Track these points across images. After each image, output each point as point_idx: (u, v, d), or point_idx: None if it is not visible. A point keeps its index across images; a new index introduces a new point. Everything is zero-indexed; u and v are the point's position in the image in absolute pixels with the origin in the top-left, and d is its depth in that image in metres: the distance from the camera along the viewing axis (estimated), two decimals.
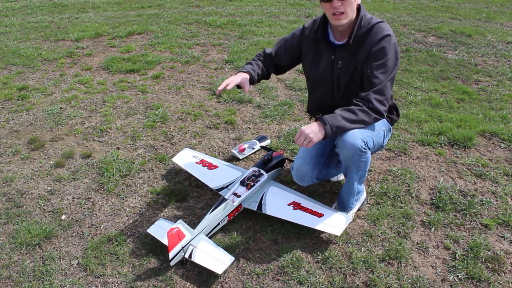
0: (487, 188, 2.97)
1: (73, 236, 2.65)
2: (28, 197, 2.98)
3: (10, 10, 7.43)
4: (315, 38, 2.51)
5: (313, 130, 2.23)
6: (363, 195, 2.78)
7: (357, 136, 2.32)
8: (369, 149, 2.40)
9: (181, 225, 2.36)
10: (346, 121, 2.28)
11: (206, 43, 5.57)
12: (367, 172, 2.59)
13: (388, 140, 2.76)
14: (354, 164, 2.43)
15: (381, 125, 2.53)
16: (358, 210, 2.75)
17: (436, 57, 5.03)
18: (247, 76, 2.55)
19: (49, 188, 3.06)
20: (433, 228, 2.64)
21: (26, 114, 4.02)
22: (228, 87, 2.43)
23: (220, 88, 2.42)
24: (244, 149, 3.32)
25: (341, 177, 3.03)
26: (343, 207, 2.67)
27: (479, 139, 3.50)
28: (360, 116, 2.30)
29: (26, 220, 2.76)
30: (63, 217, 2.79)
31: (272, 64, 2.73)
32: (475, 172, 3.12)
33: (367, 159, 2.44)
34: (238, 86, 2.50)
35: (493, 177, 3.07)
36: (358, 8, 2.38)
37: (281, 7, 7.05)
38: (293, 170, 2.65)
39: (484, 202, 2.83)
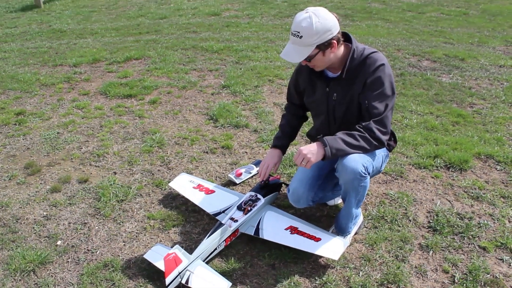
0: (484, 211, 2.97)
1: (68, 261, 2.62)
2: (24, 222, 2.96)
3: (9, 36, 7.50)
4: (309, 72, 2.54)
5: (311, 151, 2.26)
6: (360, 219, 2.78)
7: (357, 161, 2.33)
8: (368, 174, 2.41)
9: (178, 251, 2.35)
10: (346, 145, 2.30)
11: (203, 68, 5.62)
12: (364, 197, 2.60)
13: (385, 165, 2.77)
14: (354, 188, 2.44)
15: (380, 150, 2.54)
16: (356, 234, 2.74)
17: (431, 81, 5.08)
18: (279, 155, 2.77)
19: (45, 213, 3.04)
20: (431, 252, 2.63)
21: (23, 139, 4.03)
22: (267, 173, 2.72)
23: (264, 177, 2.72)
24: (241, 174, 3.32)
25: (338, 200, 3.02)
26: (341, 231, 2.66)
27: (475, 161, 3.51)
28: (361, 142, 2.31)
29: (21, 246, 2.73)
30: (59, 242, 2.77)
31: (297, 107, 2.85)
32: (472, 195, 3.13)
33: (366, 184, 2.45)
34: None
35: (490, 199, 3.07)
36: (349, 40, 2.41)
37: (277, 33, 7.15)
38: (289, 192, 2.65)
39: (481, 225, 2.83)
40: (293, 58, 2.31)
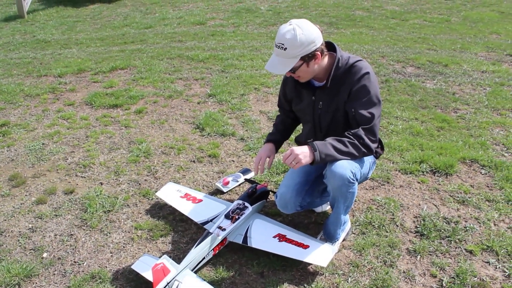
0: (470, 214, 3.00)
1: (55, 274, 2.59)
2: (8, 235, 2.91)
3: None
4: (294, 82, 2.56)
5: (303, 152, 2.29)
6: (348, 225, 2.79)
7: (346, 168, 2.34)
8: (356, 180, 2.43)
9: (166, 261, 2.33)
10: (335, 150, 2.32)
11: (189, 77, 5.62)
12: (353, 203, 2.61)
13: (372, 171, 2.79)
14: (342, 195, 2.45)
15: (368, 157, 2.56)
16: (344, 240, 2.75)
17: (415, 87, 5.14)
18: (272, 148, 2.77)
19: (30, 225, 3.00)
20: (418, 256, 2.65)
21: (7, 150, 3.98)
22: (261, 167, 2.69)
23: (258, 172, 2.70)
24: (228, 182, 3.31)
25: (326, 207, 3.03)
26: (330, 238, 2.66)
27: (460, 166, 3.55)
28: (350, 149, 2.34)
29: (5, 259, 2.69)
30: (45, 255, 2.73)
31: (287, 111, 2.87)
32: (458, 199, 3.16)
33: (354, 190, 2.46)
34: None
35: (476, 203, 3.11)
36: (334, 49, 2.44)
37: (262, 41, 7.18)
38: (276, 198, 2.66)
39: (468, 228, 2.86)
40: (277, 70, 2.34)
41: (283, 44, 2.26)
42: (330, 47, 2.45)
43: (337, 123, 2.49)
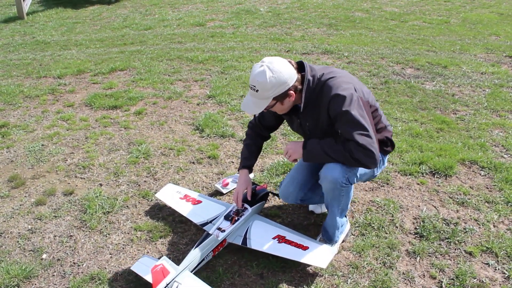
0: (470, 216, 3.00)
1: (54, 275, 2.58)
2: (8, 236, 2.91)
3: None
4: None
5: (295, 148, 2.45)
6: (347, 227, 2.79)
7: (339, 171, 2.35)
8: (350, 184, 2.43)
9: (165, 262, 2.33)
10: (325, 154, 2.34)
11: (188, 79, 5.62)
12: (349, 205, 2.61)
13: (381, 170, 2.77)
14: (335, 197, 2.47)
15: None
16: (343, 241, 2.75)
17: (415, 88, 5.14)
18: (247, 178, 2.80)
19: (29, 226, 3.00)
20: (418, 258, 2.65)
21: (7, 152, 3.98)
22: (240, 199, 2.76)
23: (238, 204, 2.77)
24: (227, 184, 3.31)
25: (325, 209, 3.03)
26: (329, 240, 2.67)
27: (459, 167, 3.55)
28: (339, 157, 2.32)
29: (5, 260, 2.69)
30: (44, 256, 2.73)
31: (264, 128, 2.86)
32: (457, 200, 3.16)
33: (348, 193, 2.48)
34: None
35: (475, 204, 3.11)
36: (303, 75, 2.37)
37: (261, 42, 7.18)
38: (280, 186, 2.77)
39: (467, 230, 2.86)
40: (251, 110, 2.39)
41: (255, 86, 2.29)
42: (301, 68, 2.40)
43: (331, 135, 2.41)
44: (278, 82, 2.26)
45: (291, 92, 2.32)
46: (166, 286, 2.26)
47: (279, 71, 2.26)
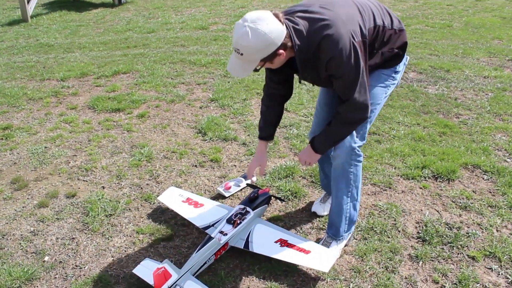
0: (473, 220, 2.99)
1: (56, 278, 2.59)
2: (10, 238, 2.92)
3: None
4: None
5: (308, 155, 2.51)
6: (353, 228, 2.77)
7: (347, 140, 2.43)
8: (364, 140, 2.52)
9: (167, 265, 2.33)
10: (333, 142, 2.44)
11: (191, 82, 5.63)
12: (359, 195, 2.62)
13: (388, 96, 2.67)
14: (343, 175, 2.52)
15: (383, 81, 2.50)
16: (345, 246, 2.75)
17: (417, 92, 5.14)
18: (263, 152, 2.74)
19: (32, 228, 3.01)
20: (420, 262, 2.64)
21: (10, 154, 3.99)
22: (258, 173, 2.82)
23: (253, 179, 2.79)
24: (230, 187, 3.31)
25: (328, 210, 3.03)
26: (335, 232, 2.65)
27: (462, 171, 3.55)
28: (344, 133, 2.38)
29: (7, 262, 2.69)
30: (46, 258, 2.73)
31: (278, 84, 2.59)
32: (460, 205, 3.15)
33: (357, 171, 2.53)
34: None
35: (478, 208, 3.10)
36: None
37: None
38: (308, 136, 2.84)
39: (470, 234, 2.85)
40: (239, 73, 2.18)
41: (239, 50, 2.07)
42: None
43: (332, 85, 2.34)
44: (264, 44, 2.04)
45: (281, 51, 2.10)
46: None
47: (264, 32, 2.01)
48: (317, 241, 2.71)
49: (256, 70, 2.18)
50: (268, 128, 2.71)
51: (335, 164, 2.53)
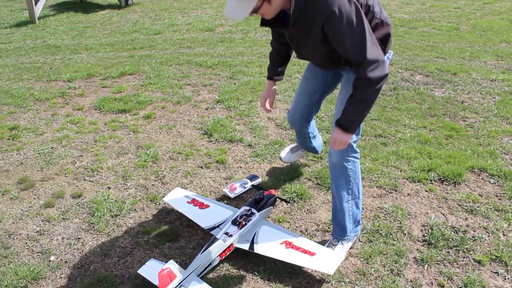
0: (479, 224, 2.98)
1: (61, 277, 2.60)
2: (16, 238, 2.93)
3: (3, 52, 7.50)
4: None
5: (339, 138, 2.34)
6: (359, 229, 2.76)
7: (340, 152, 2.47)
8: (359, 135, 2.57)
9: (172, 266, 2.33)
10: (360, 114, 2.28)
11: (197, 83, 5.64)
12: (360, 193, 2.63)
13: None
14: (342, 174, 2.53)
15: None
16: (350, 248, 2.74)
17: (424, 95, 5.13)
18: (271, 88, 2.89)
19: (38, 228, 3.02)
20: (426, 265, 2.63)
21: (17, 154, 4.01)
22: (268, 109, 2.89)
23: (268, 109, 2.89)
24: (235, 188, 3.31)
25: (297, 156, 3.49)
26: (340, 233, 2.66)
27: (468, 175, 3.53)
28: (369, 100, 2.24)
29: (13, 262, 2.71)
30: (52, 258, 2.74)
31: (278, 35, 2.74)
32: (466, 208, 3.14)
33: (355, 168, 2.54)
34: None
35: (484, 212, 3.09)
36: None
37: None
38: (287, 114, 3.11)
39: (476, 238, 2.83)
40: (237, 15, 2.11)
41: None
42: None
43: (320, 53, 2.37)
44: None
45: None
46: None
47: None
48: (323, 243, 2.70)
49: (254, 11, 2.12)
50: (274, 68, 2.88)
51: (332, 163, 2.54)
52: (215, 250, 2.53)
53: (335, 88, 2.95)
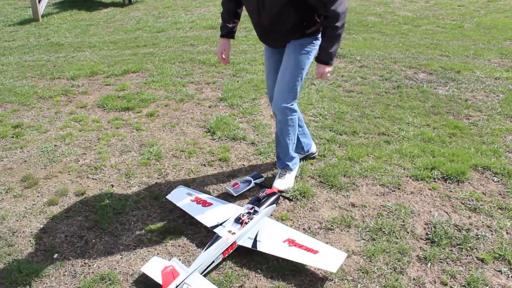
0: (482, 222, 2.97)
1: (65, 275, 2.61)
2: (20, 236, 2.94)
3: (7, 49, 7.52)
4: None
5: (322, 70, 2.88)
6: (297, 167, 3.39)
7: (280, 101, 2.99)
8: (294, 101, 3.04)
9: (175, 263, 2.34)
10: (334, 45, 2.80)
11: (200, 81, 5.64)
12: (296, 137, 3.24)
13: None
14: (285, 125, 3.09)
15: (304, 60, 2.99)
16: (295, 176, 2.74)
17: (427, 93, 5.11)
18: (226, 42, 3.28)
19: (41, 226, 3.03)
20: (429, 263, 2.63)
21: (20, 152, 4.02)
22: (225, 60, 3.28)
23: (226, 60, 3.28)
24: (238, 186, 3.31)
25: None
26: (284, 166, 3.28)
27: (472, 173, 3.52)
28: (339, 33, 2.75)
29: (17, 259, 2.72)
30: (55, 255, 2.75)
31: None
32: (469, 206, 3.13)
33: (294, 123, 3.10)
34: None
35: (488, 210, 3.08)
36: None
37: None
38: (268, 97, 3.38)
39: (479, 236, 2.83)
40: None
41: None
42: None
43: (281, 2, 2.71)
44: None
45: None
46: None
47: None
48: (326, 241, 2.70)
49: None
50: (226, 26, 3.28)
51: (278, 119, 3.09)
52: (218, 248, 2.54)
53: None
